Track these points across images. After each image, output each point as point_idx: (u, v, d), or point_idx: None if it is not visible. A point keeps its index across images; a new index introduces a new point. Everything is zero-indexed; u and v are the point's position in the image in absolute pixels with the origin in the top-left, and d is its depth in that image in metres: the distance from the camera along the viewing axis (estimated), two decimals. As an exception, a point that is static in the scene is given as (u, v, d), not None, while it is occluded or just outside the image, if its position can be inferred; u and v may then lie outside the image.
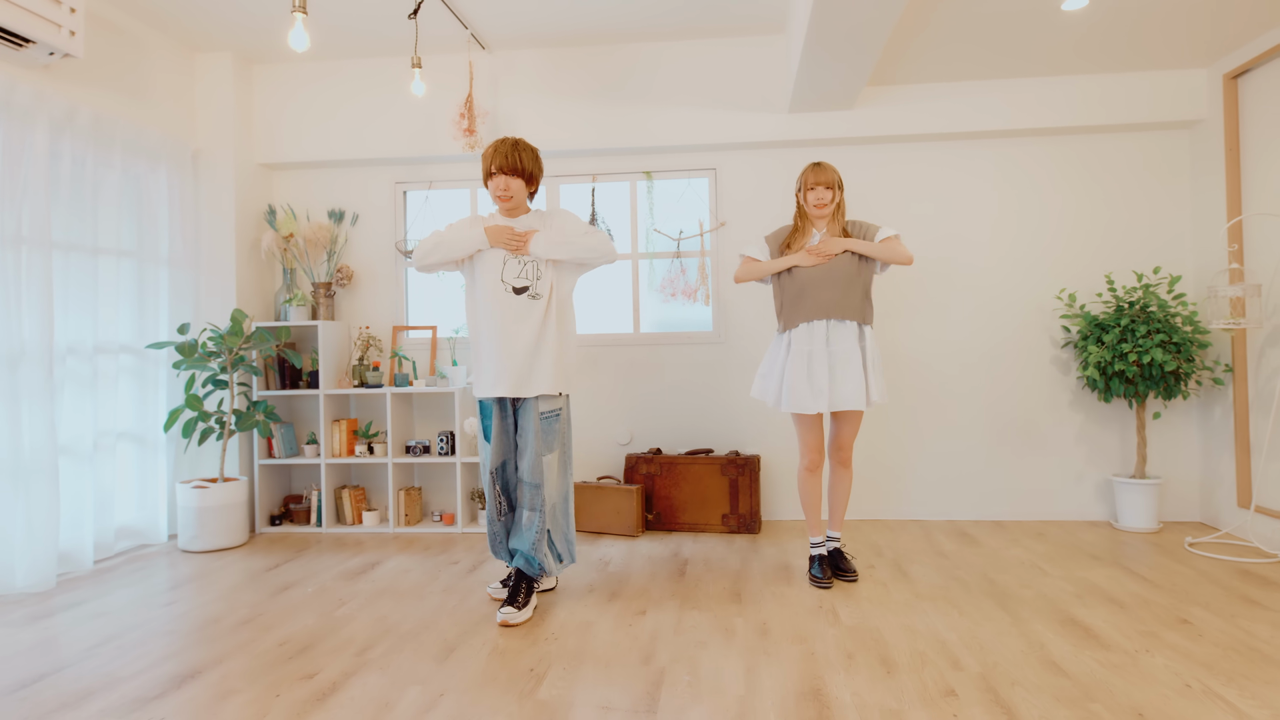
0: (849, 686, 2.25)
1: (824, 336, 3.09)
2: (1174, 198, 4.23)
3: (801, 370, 3.09)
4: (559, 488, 2.99)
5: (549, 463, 2.92)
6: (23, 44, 3.13)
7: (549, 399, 2.93)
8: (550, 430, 2.93)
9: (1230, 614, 2.78)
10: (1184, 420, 4.20)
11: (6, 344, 3.22)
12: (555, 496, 2.97)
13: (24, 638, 2.76)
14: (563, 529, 3.02)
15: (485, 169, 2.94)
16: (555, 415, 2.95)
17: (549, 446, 2.92)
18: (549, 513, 2.93)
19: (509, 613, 2.80)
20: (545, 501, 2.91)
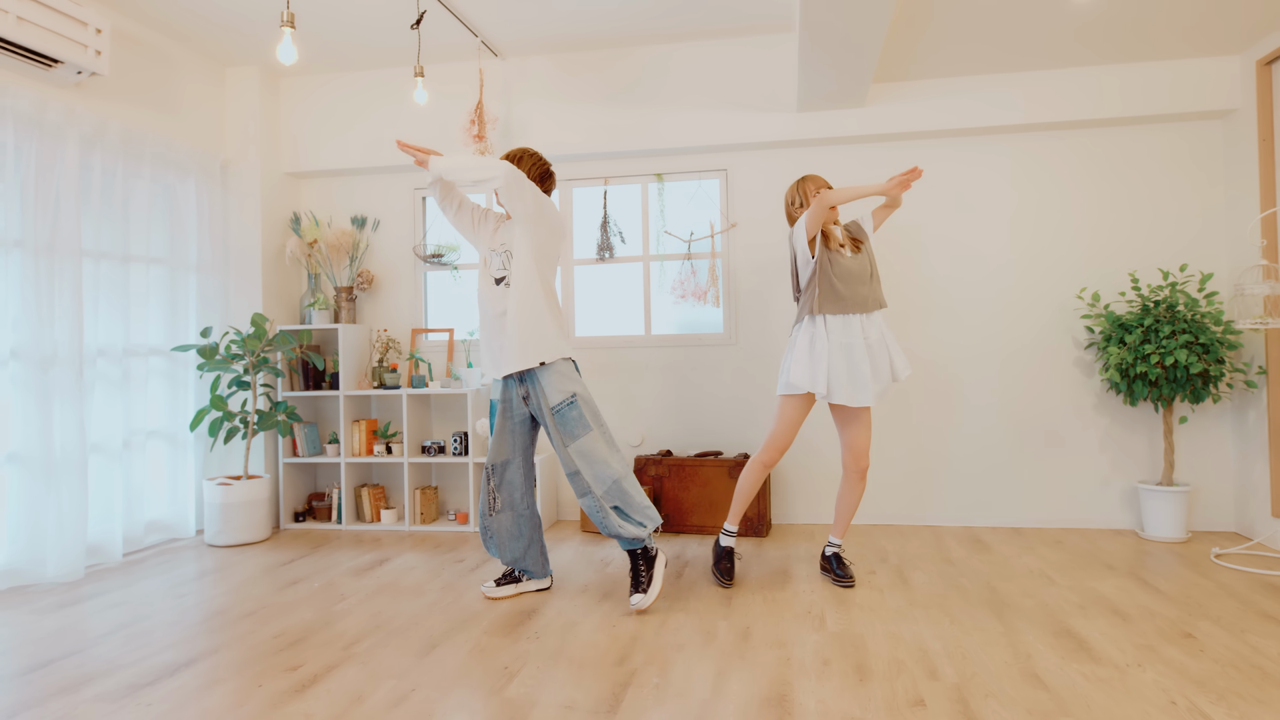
0: (816, 693, 2.22)
1: (860, 330, 3.08)
2: (1206, 192, 4.04)
3: (842, 362, 3.06)
4: (605, 467, 2.93)
5: (578, 450, 2.93)
6: (51, 64, 3.32)
7: (557, 391, 2.95)
8: (566, 421, 2.95)
9: (1241, 629, 2.64)
10: (1217, 425, 4.00)
11: (39, 347, 3.42)
12: (604, 476, 2.93)
13: (46, 624, 2.92)
14: (633, 500, 2.96)
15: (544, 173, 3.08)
16: (569, 404, 2.95)
17: (572, 435, 2.95)
18: (603, 494, 2.93)
19: (637, 600, 2.90)
20: (590, 485, 2.93)
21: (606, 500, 2.93)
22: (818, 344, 3.08)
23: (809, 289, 3.12)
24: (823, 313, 3.08)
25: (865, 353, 3.06)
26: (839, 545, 3.31)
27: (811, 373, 3.07)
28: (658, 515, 3.00)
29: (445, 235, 4.77)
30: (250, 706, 2.19)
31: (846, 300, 3.07)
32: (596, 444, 2.95)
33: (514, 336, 2.94)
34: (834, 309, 3.07)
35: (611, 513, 2.93)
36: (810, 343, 3.10)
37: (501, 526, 3.11)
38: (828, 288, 3.07)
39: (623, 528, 2.93)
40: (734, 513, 3.28)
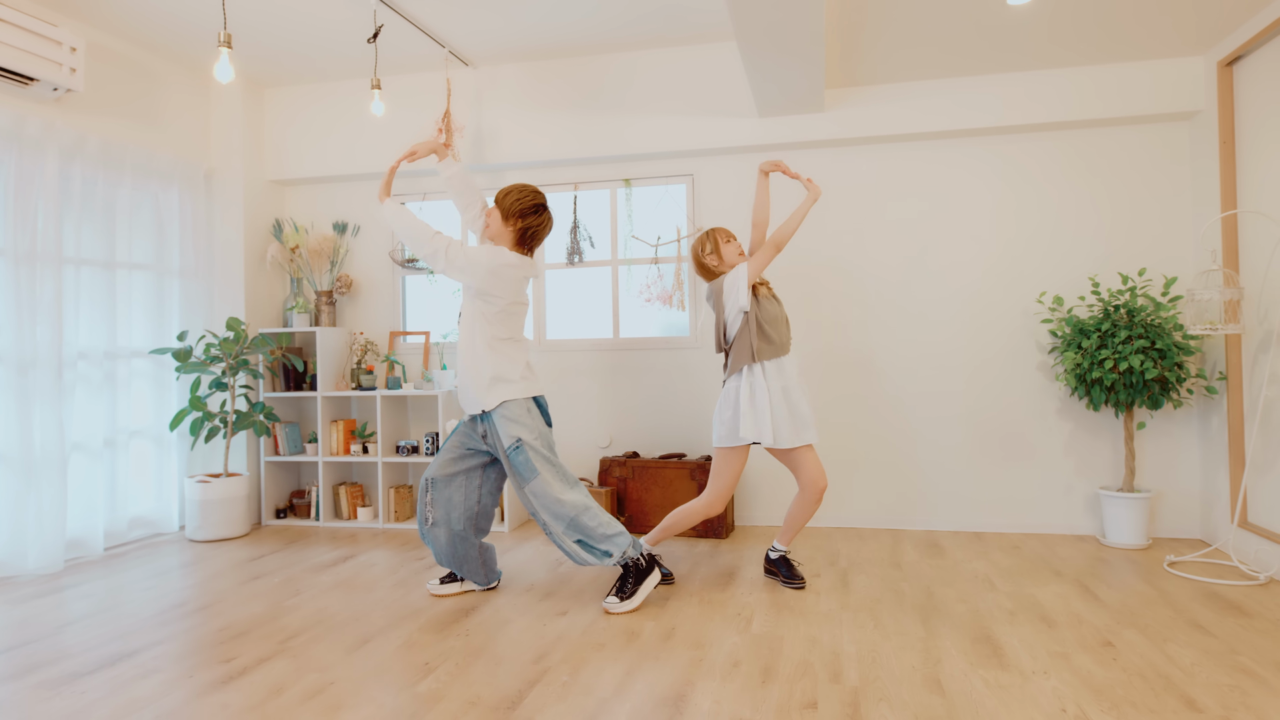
0: (715, 694, 2.27)
1: (791, 370, 3.16)
2: (1172, 194, 3.98)
3: (783, 406, 3.11)
4: (559, 506, 2.99)
5: (532, 491, 3.00)
6: (28, 82, 3.49)
7: (506, 436, 3.01)
8: (515, 465, 3.01)
9: (1164, 639, 2.63)
10: (1182, 430, 3.95)
11: (19, 351, 3.59)
12: (560, 514, 2.99)
13: (14, 614, 3.08)
14: (593, 532, 3.01)
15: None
16: (515, 449, 3.01)
17: (523, 478, 3.01)
18: (562, 531, 3.01)
19: (610, 602, 2.99)
20: (549, 524, 3.01)
21: (568, 536, 3.02)
22: (758, 393, 3.09)
23: (741, 339, 3.13)
24: (760, 360, 3.11)
25: (799, 392, 3.14)
26: (785, 550, 3.33)
27: (757, 423, 3.09)
28: (625, 539, 3.03)
29: (422, 240, 4.88)
30: (174, 697, 2.31)
31: (777, 344, 3.13)
32: (548, 485, 3.00)
33: (468, 381, 3.06)
34: (769, 354, 3.11)
35: (576, 546, 3.02)
36: (751, 392, 3.10)
37: (438, 540, 3.16)
38: (762, 335, 3.11)
39: (588, 560, 3.03)
40: (654, 534, 3.36)
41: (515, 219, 3.07)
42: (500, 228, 3.09)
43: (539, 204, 3.09)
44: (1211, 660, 2.45)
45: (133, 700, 2.29)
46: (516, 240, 3.10)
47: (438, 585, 3.26)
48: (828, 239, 4.32)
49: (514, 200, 3.07)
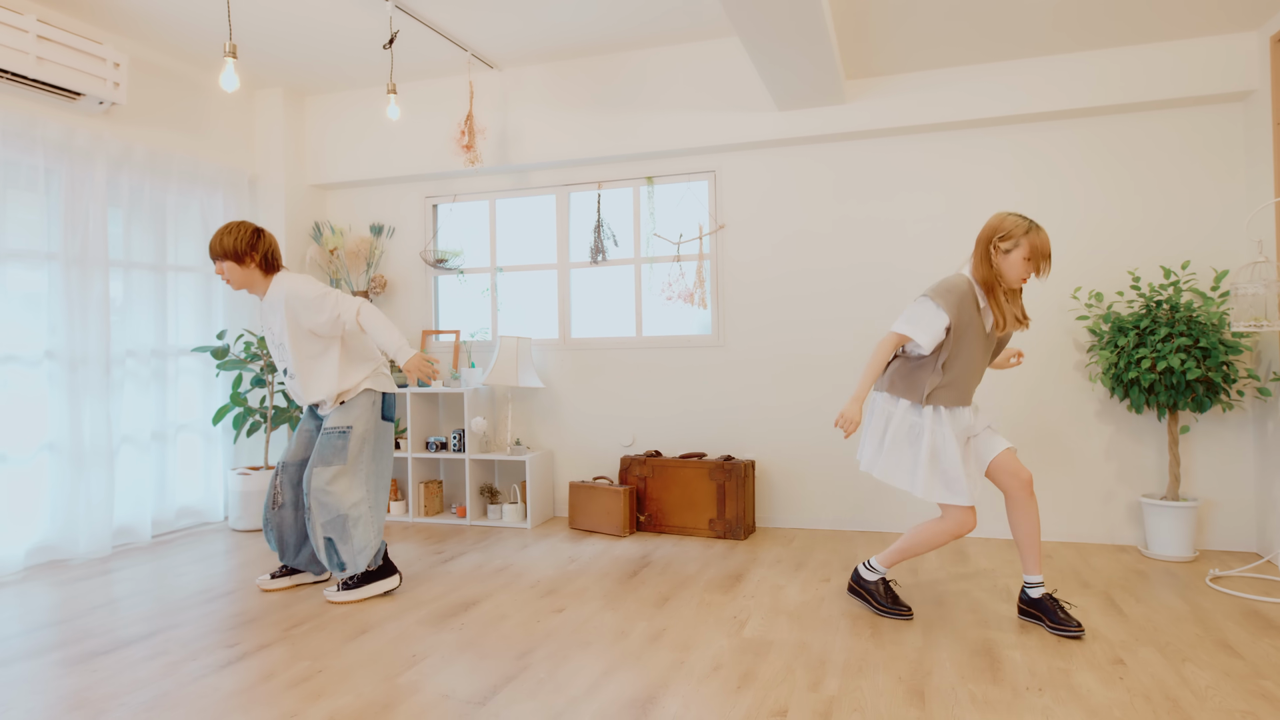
0: (686, 698, 2.24)
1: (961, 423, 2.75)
2: (1223, 181, 3.70)
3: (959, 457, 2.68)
4: (337, 500, 3.11)
5: (321, 474, 3.10)
6: (75, 96, 3.72)
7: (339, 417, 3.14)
8: (325, 445, 3.12)
9: (1184, 658, 2.46)
10: (1235, 435, 3.67)
11: (70, 349, 3.84)
12: (332, 506, 3.10)
13: (56, 595, 3.30)
14: (352, 539, 3.12)
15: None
16: (340, 433, 3.13)
17: (324, 461, 3.11)
18: (323, 523, 3.12)
19: (330, 592, 3.13)
20: (314, 512, 3.11)
21: (324, 531, 3.11)
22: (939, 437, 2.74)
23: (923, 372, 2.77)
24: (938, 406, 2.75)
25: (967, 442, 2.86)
26: (1040, 582, 2.76)
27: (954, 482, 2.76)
28: (365, 562, 3.12)
29: (451, 241, 4.99)
30: (174, 678, 2.43)
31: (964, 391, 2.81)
32: (340, 476, 3.10)
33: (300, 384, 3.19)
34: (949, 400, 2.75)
35: (323, 543, 3.11)
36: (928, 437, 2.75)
37: (284, 522, 3.26)
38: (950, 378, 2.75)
39: (325, 558, 3.13)
40: (890, 554, 2.89)
41: (251, 252, 3.07)
42: (245, 271, 3.10)
43: (255, 228, 3.10)
44: (1230, 683, 2.27)
45: (135, 680, 2.41)
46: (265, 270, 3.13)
47: (268, 580, 3.32)
48: (855, 234, 4.20)
49: (234, 240, 3.04)
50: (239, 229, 3.05)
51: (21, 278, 3.72)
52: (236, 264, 3.06)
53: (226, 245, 3.03)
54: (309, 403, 3.21)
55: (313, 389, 3.16)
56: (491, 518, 4.58)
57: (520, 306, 4.88)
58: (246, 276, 3.10)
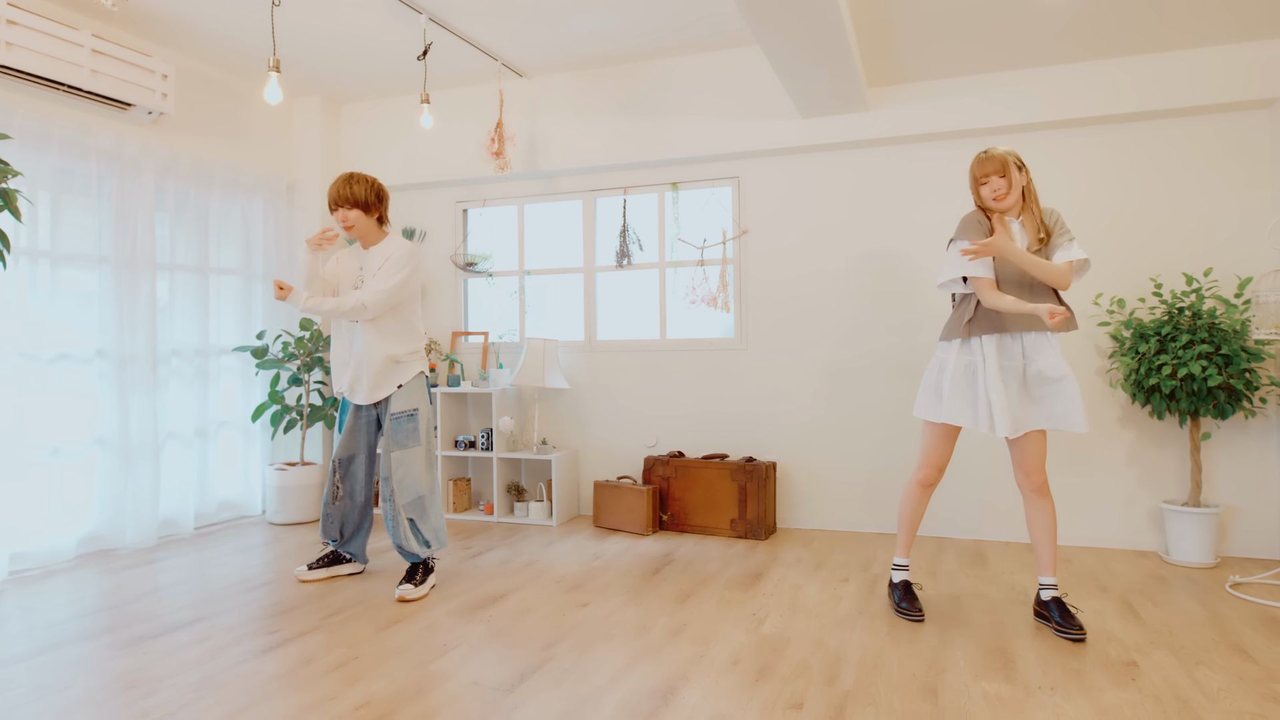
0: (705, 690, 2.32)
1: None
2: (1250, 189, 3.71)
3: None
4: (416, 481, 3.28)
5: (399, 459, 3.25)
6: (125, 107, 3.90)
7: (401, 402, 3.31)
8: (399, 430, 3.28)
9: (1198, 661, 2.49)
10: (1259, 442, 3.67)
11: (119, 348, 4.02)
12: (411, 488, 3.26)
13: (106, 582, 3.47)
14: (429, 518, 3.30)
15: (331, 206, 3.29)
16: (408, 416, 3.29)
17: (400, 444, 3.26)
18: (404, 504, 3.26)
19: (405, 589, 3.19)
20: (395, 492, 3.24)
21: (406, 513, 3.24)
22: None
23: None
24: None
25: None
26: (1053, 585, 2.82)
27: None
28: (446, 539, 3.31)
29: (480, 245, 5.12)
30: (219, 662, 2.56)
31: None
32: (418, 459, 3.26)
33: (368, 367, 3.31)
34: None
35: (406, 525, 3.22)
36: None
37: (344, 513, 3.41)
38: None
39: (408, 540, 3.23)
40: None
41: (378, 204, 3.29)
42: (368, 221, 3.29)
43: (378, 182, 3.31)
44: (1243, 687, 2.31)
45: (182, 663, 2.55)
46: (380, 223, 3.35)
47: (305, 571, 3.45)
48: (880, 239, 4.25)
49: (364, 190, 3.23)
50: (364, 180, 3.25)
51: (75, 279, 3.90)
52: (364, 213, 3.26)
53: (357, 194, 3.22)
54: (368, 376, 3.28)
55: (374, 353, 3.27)
56: (518, 515, 4.70)
57: (547, 309, 4.99)
58: (367, 226, 3.29)
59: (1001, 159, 2.77)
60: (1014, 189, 2.77)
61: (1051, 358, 2.74)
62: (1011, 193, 2.77)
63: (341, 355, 3.38)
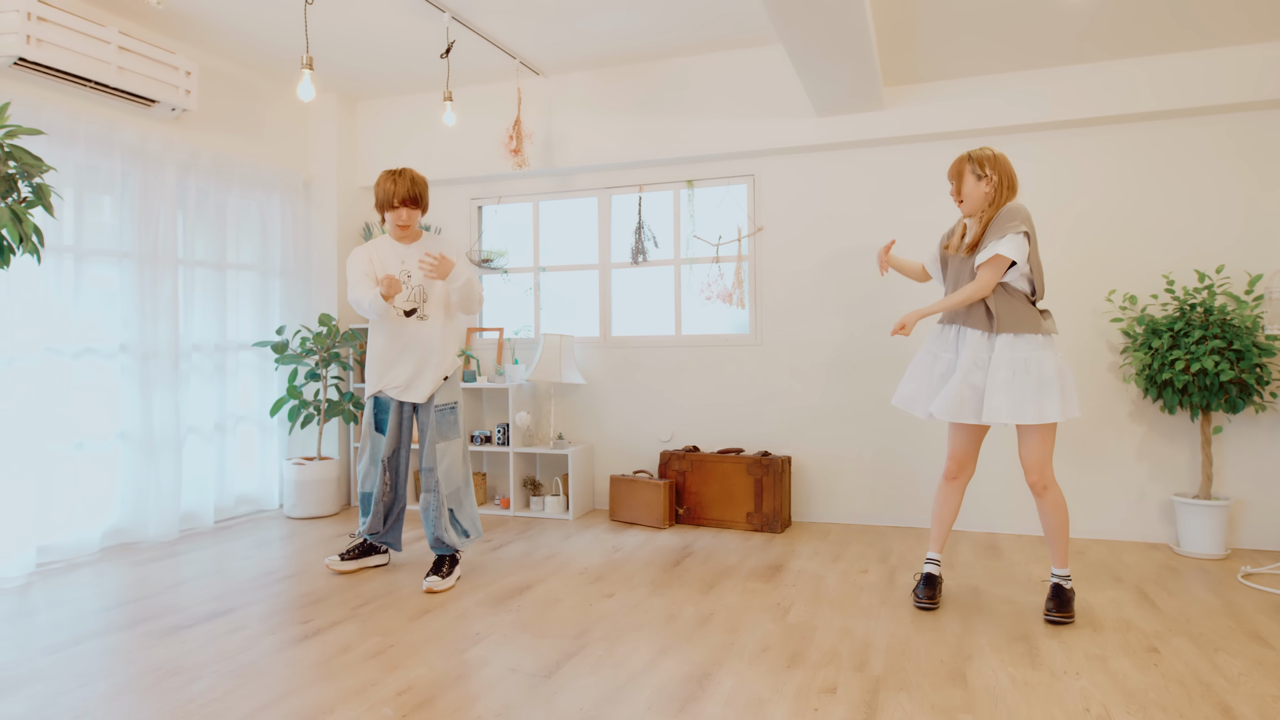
0: (739, 675, 2.37)
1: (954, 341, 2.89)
2: (1261, 187, 3.77)
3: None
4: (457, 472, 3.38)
5: (444, 450, 3.32)
6: (150, 103, 3.93)
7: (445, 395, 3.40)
8: (444, 423, 3.36)
9: (1216, 648, 2.55)
10: (1269, 436, 3.74)
11: (142, 342, 4.05)
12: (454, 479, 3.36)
13: (133, 574, 3.50)
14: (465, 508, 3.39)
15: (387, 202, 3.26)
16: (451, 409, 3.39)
17: (444, 436, 3.34)
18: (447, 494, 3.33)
19: (433, 580, 3.23)
20: (440, 482, 3.31)
21: (448, 503, 3.31)
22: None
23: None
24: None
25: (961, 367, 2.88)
26: (1065, 575, 2.86)
27: None
28: (481, 529, 3.40)
29: (496, 241, 5.16)
30: (257, 650, 2.61)
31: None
32: (459, 450, 3.36)
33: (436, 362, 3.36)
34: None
35: (446, 516, 3.29)
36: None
37: (388, 507, 3.46)
38: None
39: (447, 532, 3.29)
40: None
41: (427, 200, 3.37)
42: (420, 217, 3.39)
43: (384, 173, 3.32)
44: (1262, 671, 2.37)
45: (221, 651, 2.59)
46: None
47: (339, 562, 3.47)
48: (890, 237, 4.31)
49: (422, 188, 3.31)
50: (420, 178, 3.31)
51: (99, 275, 3.93)
52: (421, 212, 3.34)
53: (420, 192, 3.29)
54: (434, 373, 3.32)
55: (447, 350, 3.36)
56: (534, 509, 4.74)
57: (562, 305, 5.04)
58: (416, 223, 3.37)
59: (956, 164, 2.82)
60: (968, 194, 2.80)
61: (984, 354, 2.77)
62: (965, 198, 2.81)
63: (391, 354, 3.35)
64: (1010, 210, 2.76)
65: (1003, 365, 2.73)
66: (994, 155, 2.79)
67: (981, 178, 2.78)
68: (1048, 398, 2.69)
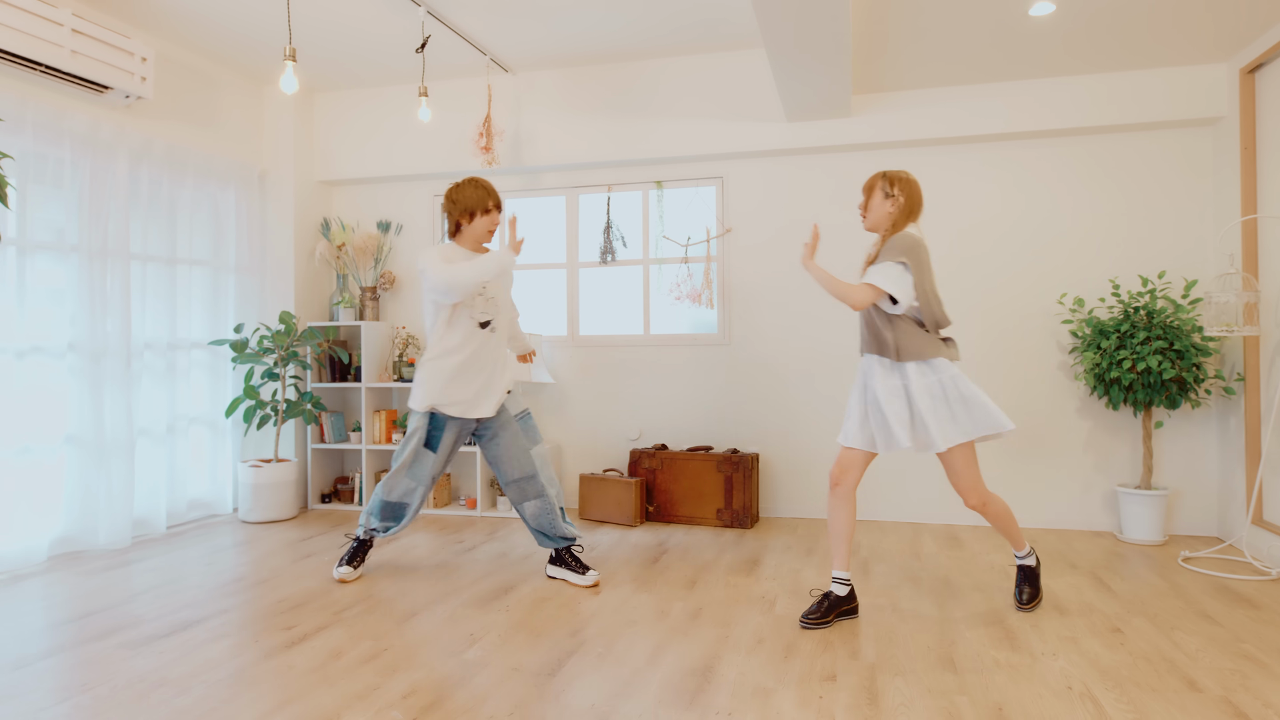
0: (740, 666, 2.44)
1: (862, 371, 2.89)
2: (1195, 199, 4.06)
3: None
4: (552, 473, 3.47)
5: (538, 454, 3.37)
6: (103, 90, 3.75)
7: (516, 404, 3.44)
8: (529, 428, 3.41)
9: (1172, 627, 2.75)
10: (1201, 430, 4.03)
11: (92, 341, 3.85)
12: (554, 480, 3.45)
13: (90, 584, 3.34)
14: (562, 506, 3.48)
15: (480, 206, 3.20)
16: (527, 415, 3.46)
17: (535, 440, 3.41)
18: (555, 495, 3.40)
19: (593, 575, 3.31)
20: (545, 487, 3.35)
21: (558, 501, 3.37)
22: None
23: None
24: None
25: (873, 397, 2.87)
26: (1022, 556, 2.97)
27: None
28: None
29: (461, 239, 5.10)
30: (244, 657, 2.53)
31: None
32: (547, 453, 3.43)
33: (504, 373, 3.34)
34: None
35: (559, 513, 3.34)
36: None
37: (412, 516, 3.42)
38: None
39: (566, 528, 3.36)
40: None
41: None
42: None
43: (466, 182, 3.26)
44: (1216, 647, 2.56)
45: (206, 660, 2.51)
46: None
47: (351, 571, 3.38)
48: (855, 242, 4.45)
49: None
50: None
51: (45, 270, 3.72)
52: None
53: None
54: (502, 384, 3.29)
55: (508, 359, 3.38)
56: (501, 509, 4.71)
57: (530, 304, 5.02)
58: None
59: (870, 179, 2.86)
60: (872, 210, 2.84)
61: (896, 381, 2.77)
62: (870, 212, 2.86)
63: (461, 368, 3.19)
64: (899, 239, 2.77)
65: (921, 393, 2.73)
66: (907, 178, 2.82)
67: (890, 197, 2.81)
68: (963, 419, 2.72)
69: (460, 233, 3.24)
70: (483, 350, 3.23)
